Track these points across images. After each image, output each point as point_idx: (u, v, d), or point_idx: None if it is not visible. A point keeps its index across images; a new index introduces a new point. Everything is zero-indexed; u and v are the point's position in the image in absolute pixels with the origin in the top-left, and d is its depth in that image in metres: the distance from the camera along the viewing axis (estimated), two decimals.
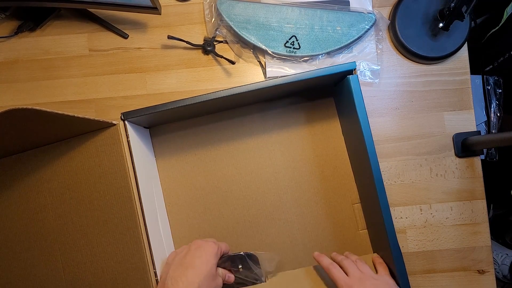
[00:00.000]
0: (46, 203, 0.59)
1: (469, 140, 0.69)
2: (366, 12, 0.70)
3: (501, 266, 1.08)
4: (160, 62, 0.72)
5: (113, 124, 0.58)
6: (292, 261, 0.68)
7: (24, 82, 0.72)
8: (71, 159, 0.58)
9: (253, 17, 0.70)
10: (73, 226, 0.58)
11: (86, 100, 0.71)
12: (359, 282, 0.53)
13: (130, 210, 0.56)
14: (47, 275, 0.58)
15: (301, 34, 0.70)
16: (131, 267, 0.56)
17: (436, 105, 0.71)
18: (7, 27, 0.72)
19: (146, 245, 0.56)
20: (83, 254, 0.58)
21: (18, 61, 0.72)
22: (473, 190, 0.70)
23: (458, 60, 0.72)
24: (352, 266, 0.56)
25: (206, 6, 0.72)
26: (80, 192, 0.58)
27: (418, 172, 0.70)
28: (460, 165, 0.70)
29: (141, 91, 0.72)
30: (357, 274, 0.55)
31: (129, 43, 0.73)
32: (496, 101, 0.90)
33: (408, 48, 0.70)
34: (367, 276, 0.55)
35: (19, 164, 0.60)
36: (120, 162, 0.57)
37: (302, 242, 0.68)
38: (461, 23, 0.68)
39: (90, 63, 0.72)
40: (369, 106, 0.71)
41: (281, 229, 0.68)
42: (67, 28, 0.73)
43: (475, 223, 0.70)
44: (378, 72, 0.72)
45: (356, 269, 0.56)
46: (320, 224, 0.68)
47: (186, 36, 0.71)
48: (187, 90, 0.72)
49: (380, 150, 0.70)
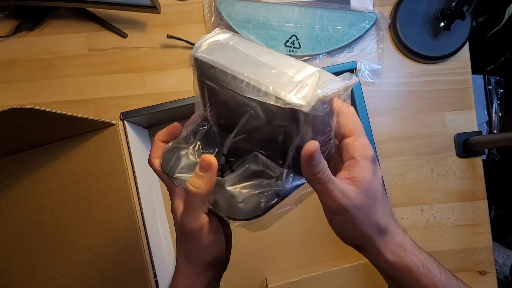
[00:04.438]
0: (45, 204, 0.58)
1: (471, 140, 0.69)
2: (367, 11, 0.70)
3: (502, 267, 1.08)
4: (159, 62, 0.72)
5: (112, 124, 0.57)
6: (292, 261, 0.68)
7: (23, 81, 0.71)
8: (70, 159, 0.58)
9: (253, 16, 0.70)
10: (72, 226, 0.58)
11: (85, 100, 0.71)
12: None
13: (130, 210, 0.56)
14: (46, 276, 0.58)
15: (301, 33, 0.70)
16: (130, 268, 0.56)
17: (437, 105, 0.71)
18: (5, 26, 0.72)
19: (145, 246, 0.56)
20: (82, 254, 0.57)
21: (16, 60, 0.72)
22: (475, 191, 0.70)
23: (459, 60, 0.72)
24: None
25: (206, 5, 0.71)
26: (79, 192, 0.58)
27: (419, 173, 0.70)
28: (462, 165, 0.70)
29: (140, 91, 0.71)
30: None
31: (128, 42, 0.72)
32: (497, 101, 0.89)
33: (409, 47, 0.70)
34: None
35: (17, 164, 0.59)
36: (119, 162, 0.57)
37: (302, 242, 0.68)
38: (462, 23, 0.67)
39: (89, 63, 0.72)
40: (370, 106, 0.71)
41: (281, 229, 0.68)
42: (66, 28, 0.72)
43: (476, 224, 0.69)
44: (379, 72, 0.71)
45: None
46: (321, 225, 0.67)
47: (186, 36, 0.70)
48: (187, 89, 0.71)
49: (381, 151, 0.70)
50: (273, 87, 0.26)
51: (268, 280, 0.66)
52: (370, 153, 0.30)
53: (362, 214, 0.30)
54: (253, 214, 0.29)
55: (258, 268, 0.68)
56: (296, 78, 0.27)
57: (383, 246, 0.31)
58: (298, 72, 0.27)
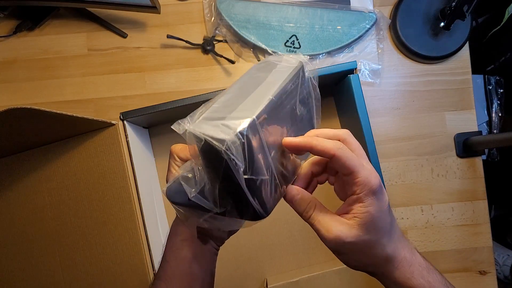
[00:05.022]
0: (45, 204, 0.58)
1: (471, 140, 0.69)
2: (367, 11, 0.70)
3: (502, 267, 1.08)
4: (159, 62, 0.72)
5: (112, 124, 0.57)
6: (292, 261, 0.67)
7: (23, 81, 0.71)
8: (70, 159, 0.58)
9: (253, 16, 0.70)
10: (72, 226, 0.58)
11: (85, 100, 0.71)
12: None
13: (130, 211, 0.56)
14: (46, 276, 0.58)
15: (301, 33, 0.70)
16: (131, 269, 0.56)
17: (437, 105, 0.71)
18: (5, 26, 0.72)
19: (145, 246, 0.56)
20: (82, 255, 0.57)
21: (16, 60, 0.71)
22: (475, 191, 0.70)
23: (459, 60, 0.72)
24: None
25: (206, 5, 0.71)
26: (79, 192, 0.58)
27: (419, 173, 0.70)
28: (462, 165, 0.70)
29: (140, 91, 0.71)
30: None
31: (128, 42, 0.72)
32: (497, 101, 0.89)
33: (409, 47, 0.70)
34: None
35: (17, 164, 0.59)
36: (119, 162, 0.57)
37: (302, 242, 0.68)
38: (462, 23, 0.67)
39: (89, 63, 0.72)
40: (370, 106, 0.71)
41: (281, 229, 0.68)
42: (66, 28, 0.72)
43: (476, 224, 0.69)
44: (379, 72, 0.71)
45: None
46: None
47: (186, 35, 0.70)
48: (187, 89, 0.71)
49: (381, 151, 0.70)
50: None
51: (268, 280, 0.66)
52: (373, 185, 0.29)
53: (362, 248, 0.30)
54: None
55: (258, 268, 0.68)
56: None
57: (390, 273, 0.32)
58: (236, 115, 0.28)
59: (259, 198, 0.29)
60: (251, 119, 0.26)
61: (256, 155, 0.27)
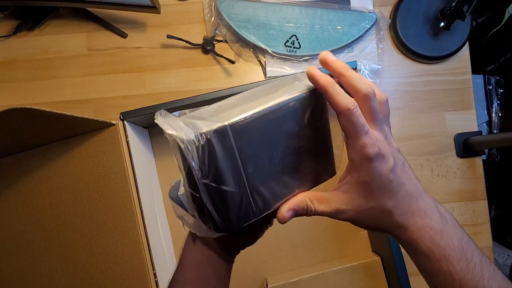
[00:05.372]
0: (45, 204, 0.58)
1: (471, 140, 0.69)
2: (367, 11, 0.70)
3: (502, 267, 1.08)
4: (160, 62, 0.72)
5: (112, 124, 0.57)
6: (292, 261, 0.67)
7: (23, 81, 0.71)
8: (69, 159, 0.58)
9: (253, 16, 0.70)
10: (71, 226, 0.58)
11: (85, 100, 0.71)
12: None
13: (129, 211, 0.56)
14: (46, 276, 0.58)
15: (301, 33, 0.70)
16: (130, 268, 0.56)
17: (437, 105, 0.71)
18: (5, 26, 0.72)
19: (145, 246, 0.56)
20: (81, 255, 0.57)
21: (16, 60, 0.71)
22: (475, 191, 0.70)
23: (459, 60, 0.72)
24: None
25: (206, 5, 0.71)
26: (79, 192, 0.58)
27: (419, 173, 0.70)
28: (462, 165, 0.70)
29: (140, 91, 0.71)
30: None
31: (128, 42, 0.72)
32: (497, 101, 0.89)
33: (409, 47, 0.70)
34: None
35: (17, 164, 0.59)
36: (119, 162, 0.57)
37: (302, 242, 0.68)
38: (462, 23, 0.67)
39: (89, 63, 0.72)
40: None
41: (281, 229, 0.68)
42: (66, 28, 0.72)
43: (476, 224, 0.69)
44: (379, 72, 0.71)
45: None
46: (320, 225, 0.67)
47: (186, 36, 0.70)
48: (187, 89, 0.71)
49: None
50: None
51: (268, 280, 0.66)
52: (369, 154, 0.28)
53: (365, 214, 0.31)
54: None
55: (258, 268, 0.68)
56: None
57: (398, 236, 0.32)
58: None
59: (221, 210, 0.28)
60: (221, 124, 0.26)
61: (221, 163, 0.27)
